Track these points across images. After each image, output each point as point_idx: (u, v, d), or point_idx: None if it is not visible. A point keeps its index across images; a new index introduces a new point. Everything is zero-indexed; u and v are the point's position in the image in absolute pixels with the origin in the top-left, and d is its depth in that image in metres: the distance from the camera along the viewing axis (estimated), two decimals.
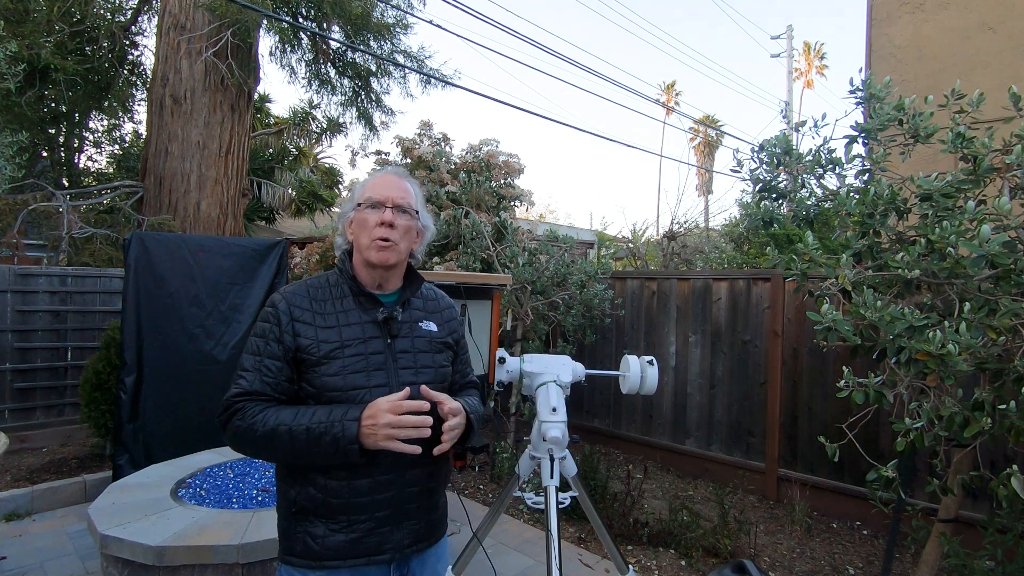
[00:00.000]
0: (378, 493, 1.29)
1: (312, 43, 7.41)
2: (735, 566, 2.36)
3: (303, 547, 1.28)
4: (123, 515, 2.43)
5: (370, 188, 1.39)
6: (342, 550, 1.28)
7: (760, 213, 2.85)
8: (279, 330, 1.29)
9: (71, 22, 6.55)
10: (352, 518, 1.28)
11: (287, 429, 1.21)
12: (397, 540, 1.33)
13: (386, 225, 1.34)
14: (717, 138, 31.41)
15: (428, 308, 1.49)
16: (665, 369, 4.97)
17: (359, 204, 1.38)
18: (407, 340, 1.39)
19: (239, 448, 1.28)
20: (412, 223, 1.41)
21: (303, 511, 1.29)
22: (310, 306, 1.33)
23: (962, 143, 2.17)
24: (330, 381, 1.27)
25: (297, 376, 1.31)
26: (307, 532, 1.28)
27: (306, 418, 1.22)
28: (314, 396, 1.28)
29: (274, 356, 1.28)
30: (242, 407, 1.25)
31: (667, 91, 33.88)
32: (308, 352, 1.28)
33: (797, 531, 3.76)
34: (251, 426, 1.22)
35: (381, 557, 1.31)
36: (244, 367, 1.29)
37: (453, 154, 6.46)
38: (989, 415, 1.87)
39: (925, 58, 5.15)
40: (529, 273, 4.80)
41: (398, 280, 1.45)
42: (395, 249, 1.36)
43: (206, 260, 4.13)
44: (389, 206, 1.36)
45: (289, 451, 1.23)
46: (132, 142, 9.61)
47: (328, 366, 1.28)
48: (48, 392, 4.96)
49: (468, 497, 4.22)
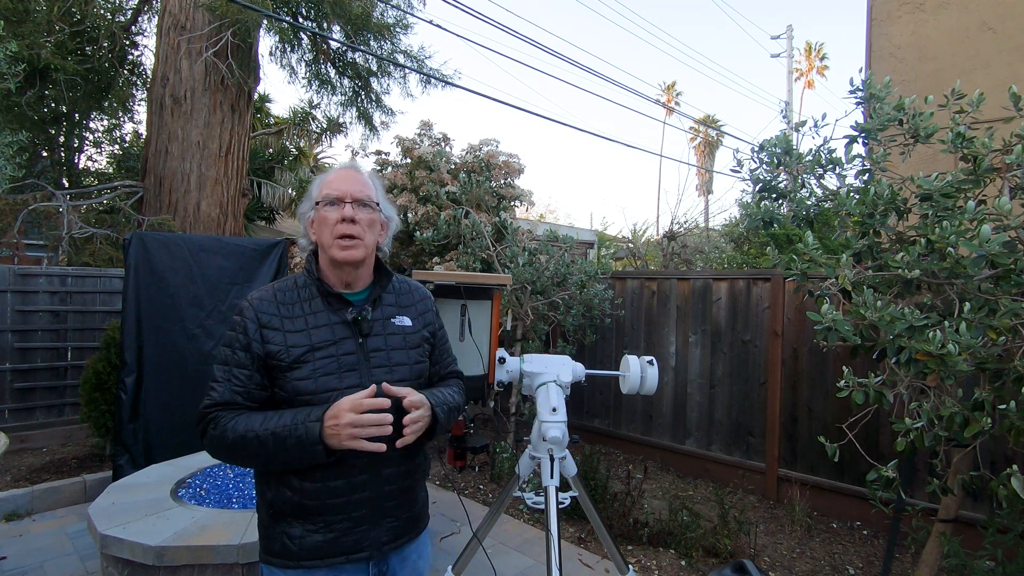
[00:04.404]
0: (354, 493, 1.29)
1: (312, 43, 7.41)
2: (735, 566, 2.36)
3: (281, 547, 1.28)
4: (123, 515, 2.43)
5: (327, 185, 1.36)
6: (320, 550, 1.27)
7: (760, 213, 2.85)
8: (246, 338, 1.28)
9: (71, 22, 6.55)
10: (329, 519, 1.27)
11: (255, 435, 1.21)
12: (375, 538, 1.33)
13: (347, 221, 1.31)
14: (717, 138, 31.42)
15: (401, 302, 1.46)
16: (665, 369, 4.97)
17: (317, 202, 1.35)
18: (379, 338, 1.37)
19: (217, 456, 1.28)
20: (374, 216, 1.37)
21: (280, 512, 1.29)
22: (277, 311, 1.32)
23: (962, 143, 2.17)
24: (301, 385, 1.26)
25: (270, 382, 1.29)
26: (285, 532, 1.28)
27: (272, 422, 1.22)
28: (287, 401, 1.27)
29: (242, 365, 1.27)
30: (215, 417, 1.25)
31: (667, 91, 33.88)
32: (278, 358, 1.27)
33: (797, 531, 3.76)
34: (223, 435, 1.22)
35: (359, 555, 1.31)
36: (215, 377, 1.28)
37: (453, 154, 6.47)
38: (989, 415, 1.87)
39: (925, 58, 5.15)
40: (529, 273, 4.80)
41: (367, 276, 1.42)
42: (360, 245, 1.33)
43: (206, 260, 4.13)
44: (348, 201, 1.32)
45: (260, 456, 1.23)
46: (132, 142, 9.60)
47: (299, 370, 1.27)
48: (48, 392, 4.96)
49: (468, 497, 4.22)
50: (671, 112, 31.30)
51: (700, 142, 32.29)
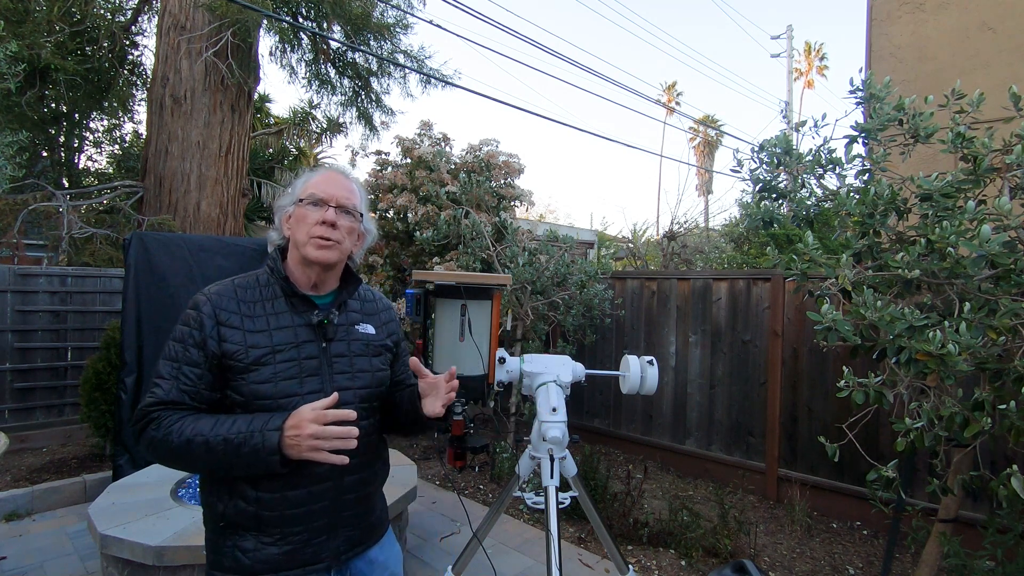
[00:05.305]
0: (313, 503, 1.24)
1: (312, 43, 7.41)
2: (735, 566, 2.36)
3: (232, 562, 1.22)
4: (123, 515, 2.43)
5: (313, 184, 1.32)
6: (275, 563, 1.22)
7: (760, 213, 2.85)
8: (201, 334, 1.20)
9: (71, 22, 6.54)
10: (285, 530, 1.22)
11: (203, 440, 1.13)
12: (333, 548, 1.29)
13: (328, 224, 1.27)
14: (717, 138, 31.43)
15: (365, 310, 1.43)
16: (665, 369, 4.97)
17: (301, 199, 1.31)
18: (343, 344, 1.33)
19: (156, 458, 1.20)
20: (355, 225, 1.34)
21: (232, 525, 1.22)
22: (238, 308, 1.25)
23: (962, 143, 2.17)
24: (260, 389, 1.20)
25: (222, 384, 1.22)
26: (236, 546, 1.22)
27: (224, 428, 1.14)
28: (242, 405, 1.20)
29: (193, 363, 1.20)
30: (158, 416, 1.17)
31: (668, 91, 33.87)
32: (235, 358, 1.20)
33: (797, 531, 3.76)
34: (166, 437, 1.14)
35: (317, 566, 1.27)
36: (160, 374, 1.21)
37: (453, 154, 6.46)
38: (989, 415, 1.87)
39: (925, 58, 5.15)
40: (529, 273, 4.80)
41: (335, 281, 1.38)
42: (337, 248, 1.29)
43: (206, 260, 4.12)
44: (332, 205, 1.29)
45: (206, 463, 1.16)
46: (132, 142, 9.59)
47: (257, 373, 1.20)
48: (48, 392, 4.96)
49: (468, 497, 4.22)
50: (671, 112, 31.30)
51: (700, 142, 32.30)
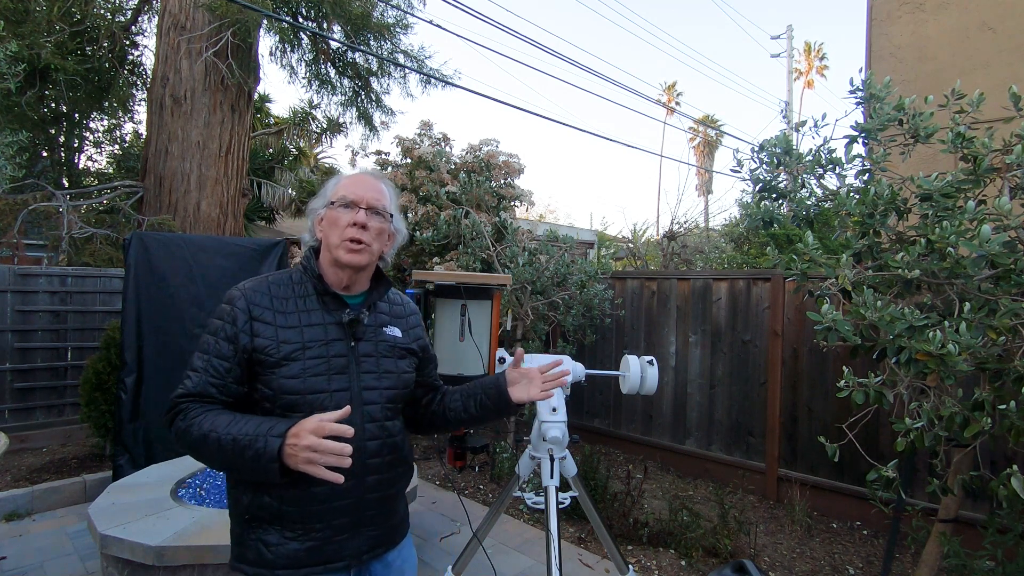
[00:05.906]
0: (336, 500, 1.24)
1: (312, 43, 7.41)
2: (735, 566, 2.37)
3: (256, 555, 1.23)
4: (123, 515, 2.43)
5: (344, 187, 1.34)
6: (297, 559, 1.23)
7: (760, 213, 2.84)
8: (234, 328, 1.23)
9: (71, 22, 6.54)
10: (308, 526, 1.23)
11: (216, 437, 1.13)
12: (355, 547, 1.29)
13: (359, 226, 1.29)
14: (717, 138, 31.43)
15: (394, 313, 1.45)
16: (665, 369, 4.97)
17: (332, 202, 1.33)
18: (371, 344, 1.35)
19: (183, 449, 1.22)
20: (385, 226, 1.36)
21: (256, 519, 1.24)
22: (271, 304, 1.27)
23: (962, 143, 2.16)
24: (288, 383, 1.21)
25: (251, 377, 1.24)
26: (260, 540, 1.23)
27: (236, 427, 1.14)
28: (270, 399, 1.22)
29: (223, 356, 1.22)
30: (185, 407, 1.19)
31: (668, 91, 33.88)
32: (266, 353, 1.22)
33: (797, 531, 3.76)
34: (188, 428, 1.16)
35: (338, 564, 1.27)
36: (193, 366, 1.23)
37: (453, 154, 6.47)
38: (989, 415, 1.87)
39: (925, 58, 5.15)
40: (529, 273, 4.80)
41: (365, 282, 1.40)
42: (367, 251, 1.32)
43: (206, 260, 4.13)
44: (363, 207, 1.31)
45: (219, 460, 1.16)
46: (132, 142, 9.60)
47: (287, 368, 1.22)
48: (48, 392, 4.96)
49: (468, 497, 4.22)
50: (671, 112, 31.30)
51: (700, 142, 32.30)
